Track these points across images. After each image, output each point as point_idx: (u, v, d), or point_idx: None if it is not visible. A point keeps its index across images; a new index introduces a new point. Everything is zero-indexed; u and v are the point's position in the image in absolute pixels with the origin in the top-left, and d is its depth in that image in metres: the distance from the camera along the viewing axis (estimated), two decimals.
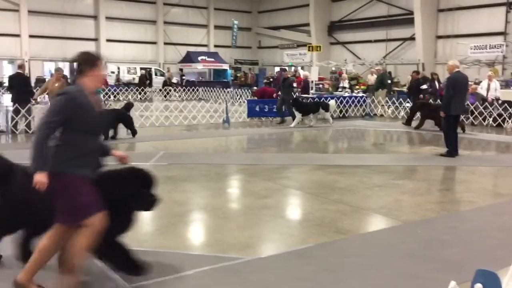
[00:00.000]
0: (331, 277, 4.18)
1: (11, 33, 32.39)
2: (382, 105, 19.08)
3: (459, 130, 11.17)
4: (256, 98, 19.89)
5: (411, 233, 5.40)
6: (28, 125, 13.08)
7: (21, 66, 13.85)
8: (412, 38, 29.05)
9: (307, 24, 35.37)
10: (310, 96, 18.64)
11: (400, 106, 18.48)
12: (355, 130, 15.30)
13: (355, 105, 19.09)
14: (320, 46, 22.45)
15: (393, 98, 19.18)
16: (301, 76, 21.83)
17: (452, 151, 10.12)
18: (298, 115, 15.44)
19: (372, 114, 18.96)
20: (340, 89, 21.42)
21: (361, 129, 15.37)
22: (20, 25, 32.57)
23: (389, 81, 20.74)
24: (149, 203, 3.95)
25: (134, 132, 12.80)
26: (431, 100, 17.59)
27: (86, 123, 3.52)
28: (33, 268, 3.65)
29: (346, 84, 21.66)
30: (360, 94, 20.35)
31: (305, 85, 20.23)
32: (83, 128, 3.52)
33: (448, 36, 27.73)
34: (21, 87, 12.96)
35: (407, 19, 29.06)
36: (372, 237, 5.33)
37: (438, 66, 27.16)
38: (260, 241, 5.26)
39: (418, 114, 15.91)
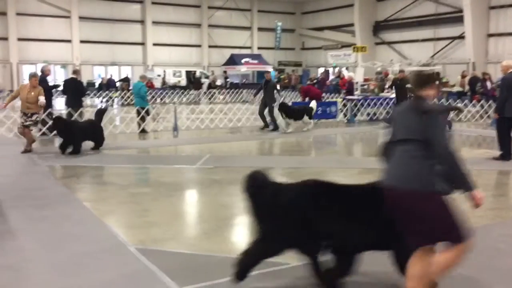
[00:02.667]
0: (381, 284, 4.10)
1: (63, 39, 33.73)
2: None
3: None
4: (301, 95, 19.64)
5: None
6: None
7: (75, 72, 14.33)
8: (461, 37, 28.16)
9: (352, 25, 34.94)
10: (355, 97, 18.36)
11: None
12: None
13: None
14: (365, 47, 22.11)
15: (442, 99, 18.61)
16: (346, 77, 21.58)
17: (505, 155, 9.70)
18: (286, 120, 14.29)
19: None
20: (386, 90, 21.00)
21: None
22: (71, 31, 33.87)
23: (437, 82, 20.13)
24: None
25: (99, 145, 11.08)
26: (482, 101, 16.98)
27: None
28: None
29: None
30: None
31: (349, 87, 19.98)
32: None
33: (500, 34, 26.68)
34: (74, 92, 13.43)
35: (456, 17, 28.19)
36: None
37: (490, 65, 26.19)
38: None
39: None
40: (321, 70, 37.09)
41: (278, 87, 16.75)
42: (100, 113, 11.68)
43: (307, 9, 41.88)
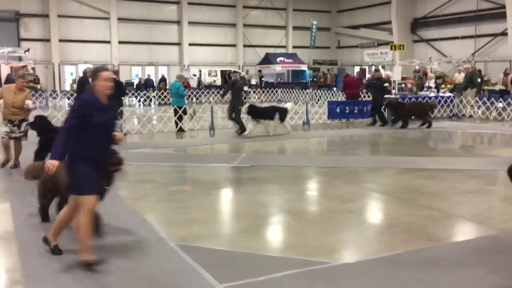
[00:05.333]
0: (423, 287, 4.03)
1: (103, 40, 34.53)
2: (472, 105, 18.06)
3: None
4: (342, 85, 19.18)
5: (510, 243, 5.07)
6: (120, 127, 13.84)
7: (115, 72, 14.66)
8: (504, 34, 27.20)
9: (389, 22, 34.33)
10: (393, 97, 18.04)
11: (492, 106, 17.39)
12: (441, 132, 14.62)
13: (441, 106, 18.21)
14: (403, 45, 21.64)
15: (484, 98, 18.12)
16: (383, 76, 21.18)
17: None
18: (251, 123, 13.47)
19: (460, 115, 18.01)
20: (425, 89, 20.55)
21: (448, 131, 14.66)
22: (110, 32, 34.63)
23: (478, 80, 19.60)
24: None
25: None
26: None
27: None
28: None
29: (432, 83, 20.73)
30: (447, 94, 19.41)
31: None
32: None
33: None
34: (115, 92, 13.72)
35: (498, 13, 27.25)
36: (466, 246, 5.05)
37: None
38: (346, 246, 5.19)
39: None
40: (357, 68, 36.65)
41: (245, 88, 15.61)
42: None
43: (343, 7, 41.41)
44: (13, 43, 31.55)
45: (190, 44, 36.99)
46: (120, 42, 34.81)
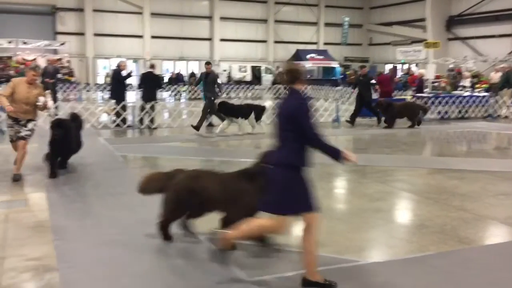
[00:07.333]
0: None
1: (135, 35, 35.09)
2: (508, 106, 17.58)
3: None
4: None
5: None
6: (151, 121, 14.05)
7: (152, 66, 14.89)
8: None
9: (423, 19, 33.72)
10: (425, 95, 17.73)
11: None
12: (475, 132, 14.29)
13: (476, 106, 17.77)
14: (438, 43, 21.21)
15: None
16: (416, 74, 20.84)
17: None
18: (226, 120, 12.93)
19: (495, 116, 17.56)
20: (460, 88, 20.10)
21: (483, 132, 14.32)
22: (143, 26, 35.15)
23: None
24: None
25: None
26: None
27: None
28: None
29: (467, 83, 20.23)
30: (482, 94, 18.94)
31: (420, 84, 19.32)
32: None
33: None
34: (152, 85, 13.95)
35: None
36: (499, 249, 4.96)
37: None
38: (376, 245, 5.16)
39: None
40: (388, 66, 36.13)
41: (219, 81, 14.64)
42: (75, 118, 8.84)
43: (376, 4, 40.88)
44: (49, 36, 32.43)
45: (221, 40, 37.21)
46: (152, 37, 35.31)
